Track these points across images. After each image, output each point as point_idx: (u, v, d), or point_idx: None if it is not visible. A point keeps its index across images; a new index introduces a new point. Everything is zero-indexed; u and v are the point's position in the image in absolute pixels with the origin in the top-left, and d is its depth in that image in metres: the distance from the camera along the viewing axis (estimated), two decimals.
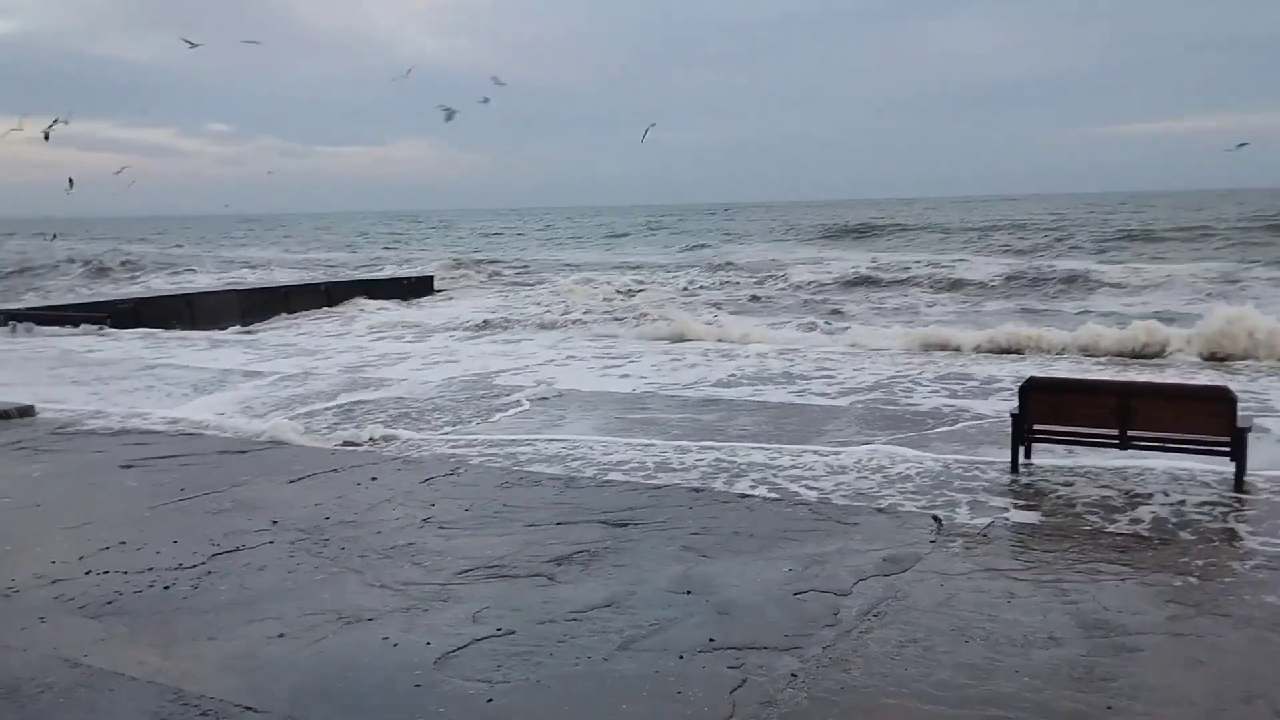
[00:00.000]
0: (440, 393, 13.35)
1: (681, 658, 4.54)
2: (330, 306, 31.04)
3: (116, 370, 16.21)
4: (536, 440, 10.25)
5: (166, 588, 5.63)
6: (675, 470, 8.86)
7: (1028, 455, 8.83)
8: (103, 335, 22.16)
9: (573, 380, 14.45)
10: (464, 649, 4.67)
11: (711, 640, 4.74)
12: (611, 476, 8.50)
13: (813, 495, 7.93)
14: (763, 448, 9.66)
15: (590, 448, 9.86)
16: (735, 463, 9.08)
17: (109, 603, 5.43)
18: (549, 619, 5.04)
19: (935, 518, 6.89)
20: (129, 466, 8.62)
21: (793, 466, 8.91)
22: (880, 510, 7.23)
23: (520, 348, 19.62)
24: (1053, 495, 7.92)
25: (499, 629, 4.91)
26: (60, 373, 15.88)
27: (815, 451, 9.48)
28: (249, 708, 3.81)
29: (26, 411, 11.13)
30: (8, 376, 15.06)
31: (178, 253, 61.89)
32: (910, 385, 13.49)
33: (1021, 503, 7.76)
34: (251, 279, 40.69)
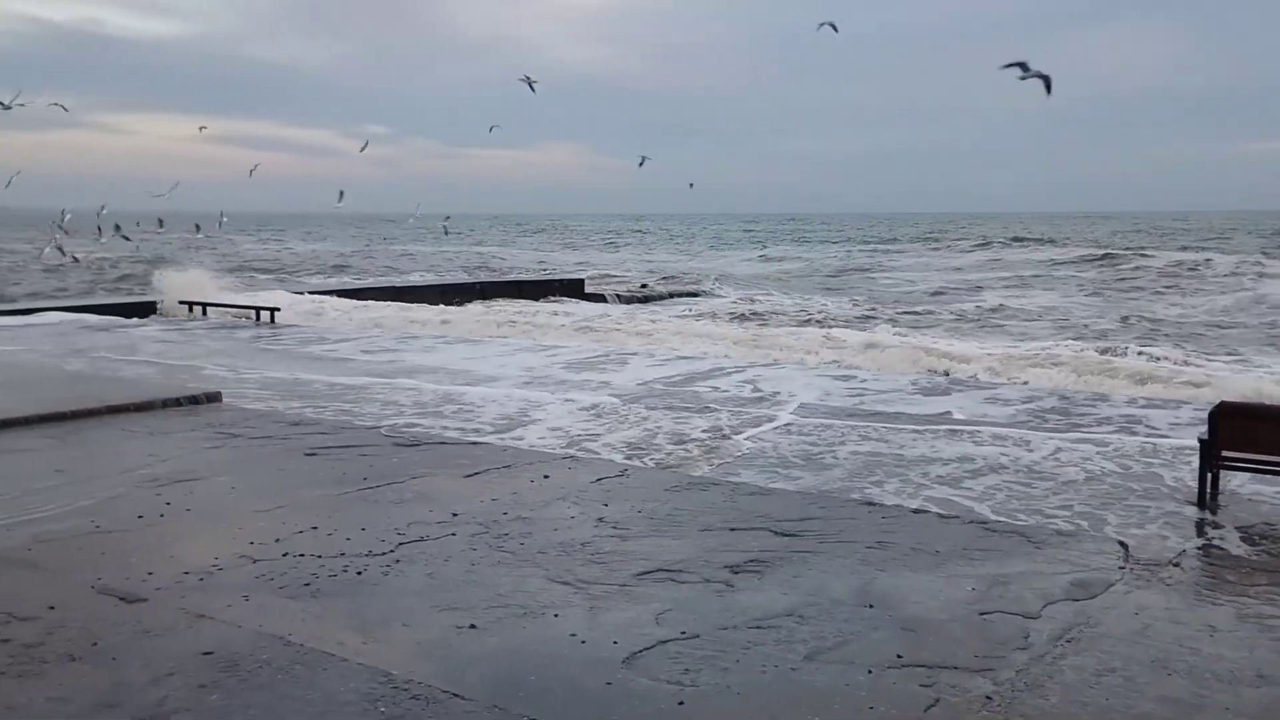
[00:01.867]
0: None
1: (870, 672, 4.49)
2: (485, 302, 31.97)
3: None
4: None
5: (359, 573, 5.88)
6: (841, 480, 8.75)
7: (1215, 483, 8.39)
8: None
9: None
10: (650, 650, 4.73)
11: (899, 656, 4.67)
12: (777, 485, 8.46)
13: (985, 509, 7.73)
14: (945, 462, 9.45)
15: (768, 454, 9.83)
16: (909, 477, 8.92)
17: (306, 584, 5.70)
18: (731, 625, 5.06)
19: (1122, 543, 6.63)
20: (313, 455, 9.03)
21: (967, 476, 8.70)
22: (1061, 532, 7.00)
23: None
24: (1245, 525, 7.50)
25: (683, 632, 4.95)
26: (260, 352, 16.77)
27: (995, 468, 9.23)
28: (454, 694, 3.95)
29: (214, 398, 11.78)
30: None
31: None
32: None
33: (1213, 532, 7.37)
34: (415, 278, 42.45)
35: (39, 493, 7.50)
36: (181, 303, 27.33)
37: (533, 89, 17.96)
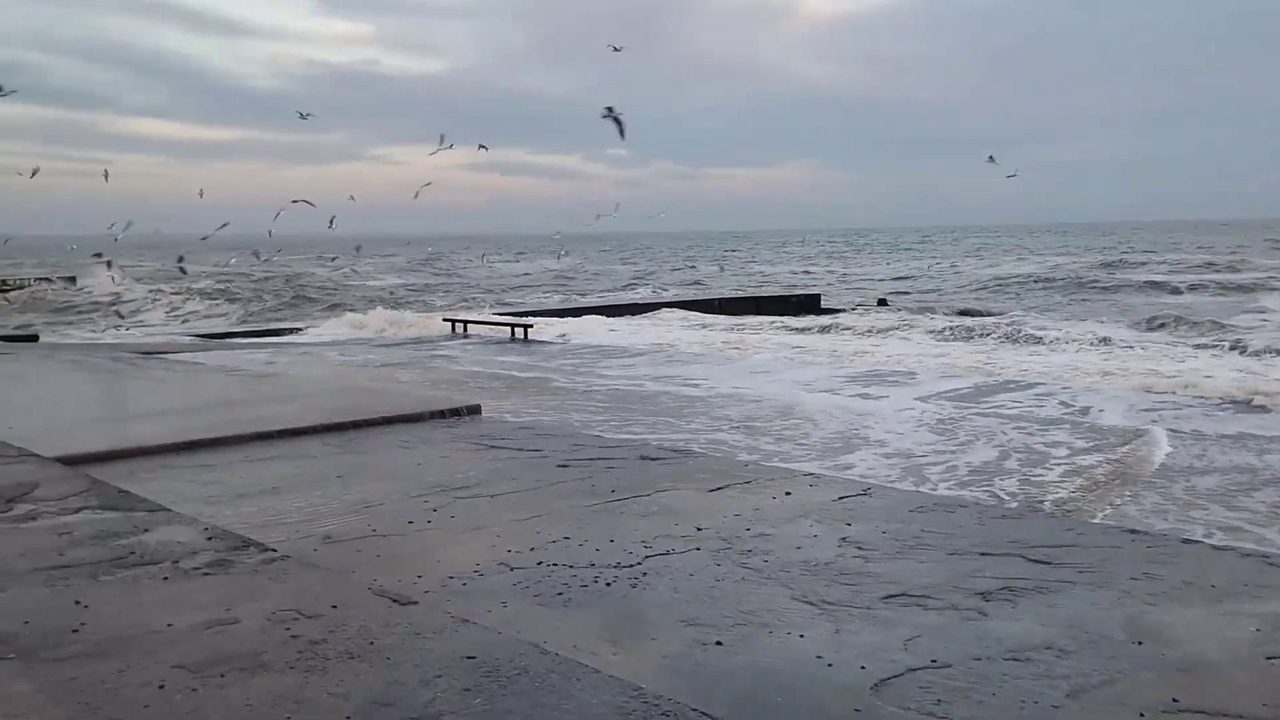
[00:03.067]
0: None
1: (1142, 716, 4.19)
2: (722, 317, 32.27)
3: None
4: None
5: (608, 584, 6.06)
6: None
7: None
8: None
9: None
10: (899, 677, 4.61)
11: (1175, 700, 4.33)
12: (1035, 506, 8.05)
13: (1275, 537, 7.05)
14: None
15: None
16: (1174, 499, 8.28)
17: (558, 594, 5.93)
18: (985, 655, 4.86)
19: None
20: (565, 466, 9.39)
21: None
22: None
23: None
24: None
25: (933, 660, 4.80)
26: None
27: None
28: (704, 713, 3.99)
29: (474, 410, 12.48)
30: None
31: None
32: None
33: None
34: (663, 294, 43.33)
35: (323, 497, 8.20)
36: (445, 320, 29.25)
37: (620, 128, 16.70)
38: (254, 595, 5.34)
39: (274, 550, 6.20)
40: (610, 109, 15.96)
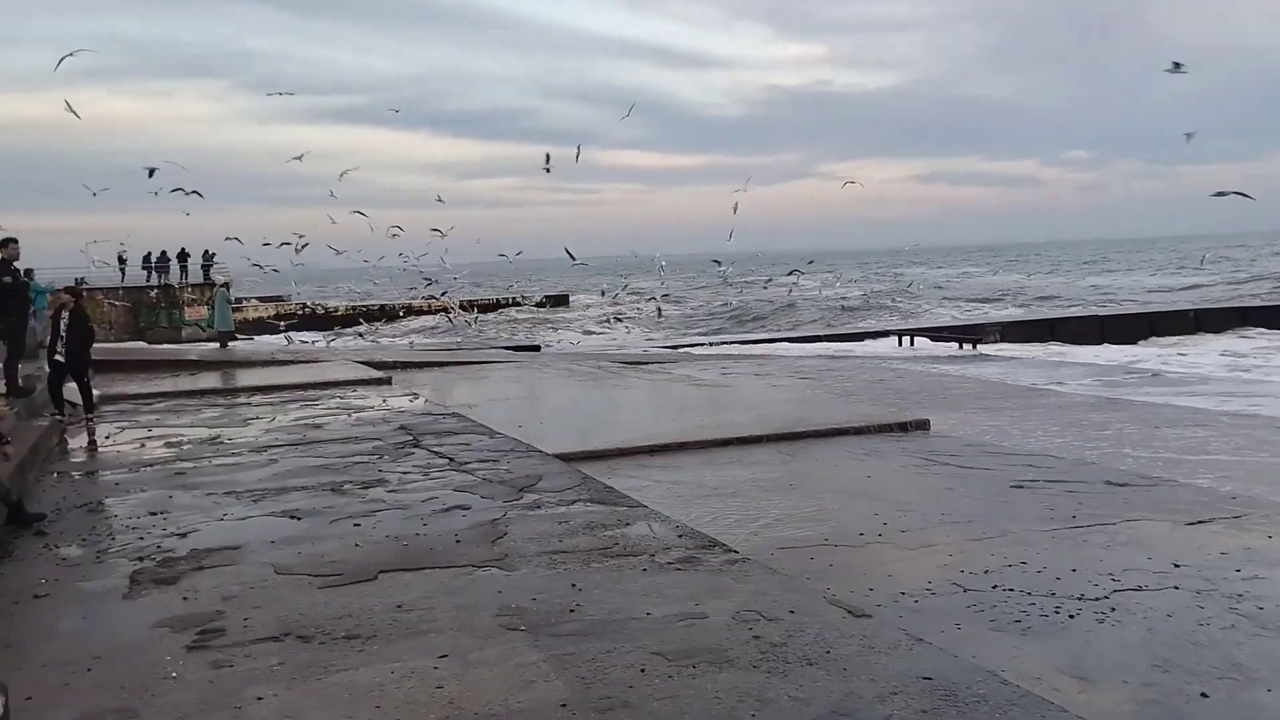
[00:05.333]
0: None
1: None
2: (1200, 333, 29.07)
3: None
4: None
5: (1071, 616, 5.76)
6: None
7: None
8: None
9: None
10: None
11: None
12: None
13: None
14: None
15: None
16: None
17: (1016, 621, 5.73)
18: None
19: None
20: (1019, 486, 9.02)
21: None
22: None
23: None
24: None
25: None
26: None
27: None
28: None
29: (922, 425, 12.34)
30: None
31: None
32: None
33: None
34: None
35: (778, 504, 8.56)
36: (901, 332, 29.26)
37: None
38: (719, 593, 5.75)
39: (736, 552, 6.61)
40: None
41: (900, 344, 28.54)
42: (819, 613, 5.45)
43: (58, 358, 12.59)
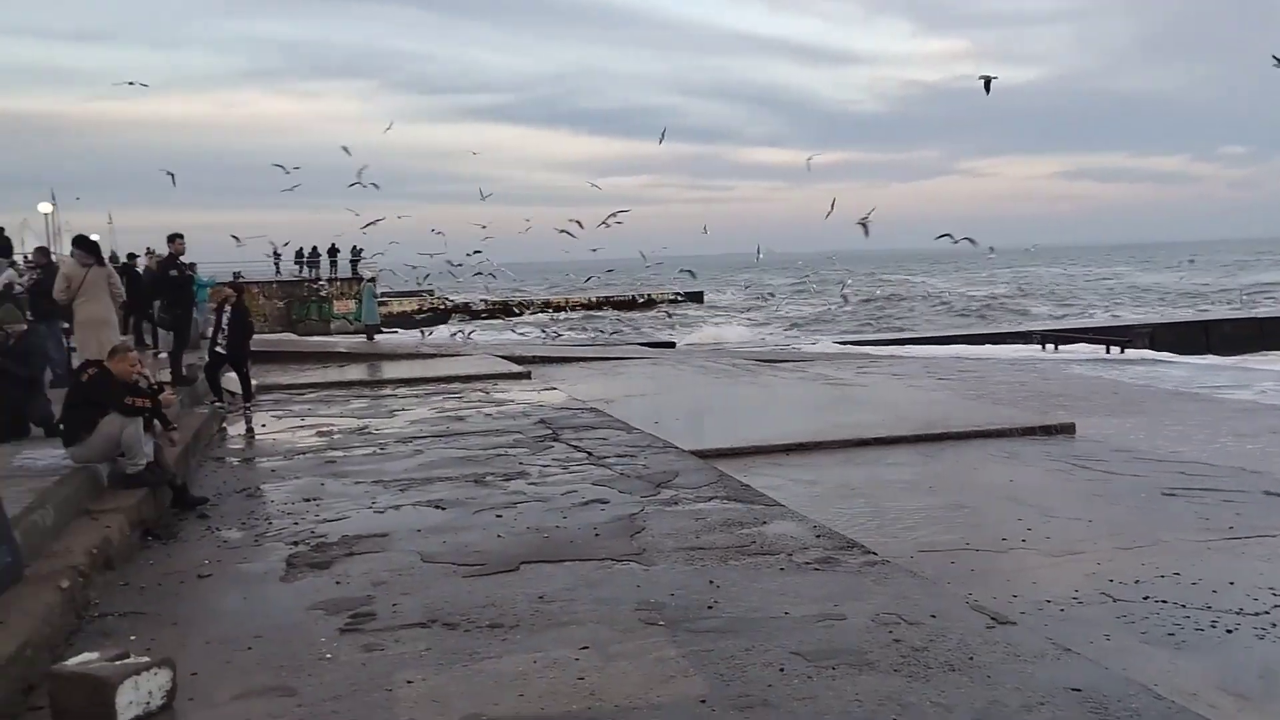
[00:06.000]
0: None
1: None
2: None
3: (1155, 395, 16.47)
4: None
5: (1229, 631, 5.54)
6: None
7: None
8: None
9: None
10: None
11: None
12: None
13: None
14: None
15: None
16: None
17: (1170, 634, 5.55)
18: None
19: None
20: (1171, 495, 8.68)
21: None
22: None
23: None
24: None
25: None
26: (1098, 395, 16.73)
27: None
28: None
29: (1066, 429, 11.96)
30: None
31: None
32: None
33: None
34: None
35: (917, 506, 8.45)
36: (1045, 333, 28.37)
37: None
38: (858, 595, 5.72)
39: (875, 554, 6.57)
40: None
41: (1044, 348, 27.51)
42: (961, 618, 5.38)
43: (219, 349, 13.33)
